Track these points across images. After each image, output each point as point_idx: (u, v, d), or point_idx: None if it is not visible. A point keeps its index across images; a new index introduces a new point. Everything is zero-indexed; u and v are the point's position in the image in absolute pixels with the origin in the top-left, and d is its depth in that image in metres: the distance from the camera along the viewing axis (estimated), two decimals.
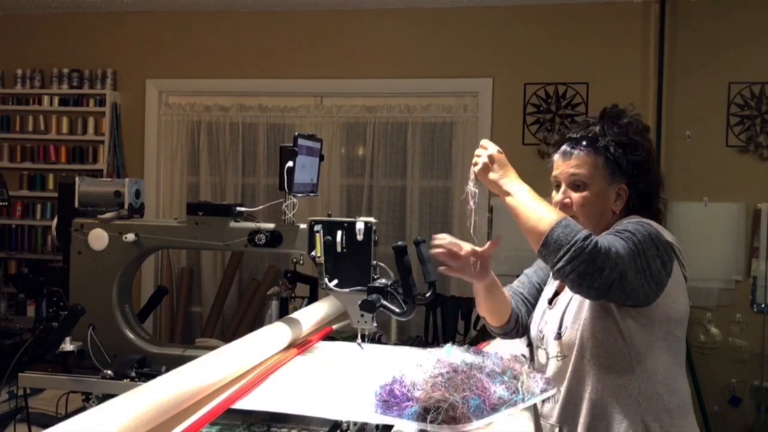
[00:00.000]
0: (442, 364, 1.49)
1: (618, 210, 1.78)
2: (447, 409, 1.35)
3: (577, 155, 1.78)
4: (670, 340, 1.71)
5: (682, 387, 1.73)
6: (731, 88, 4.52)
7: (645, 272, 1.60)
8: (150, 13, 5.18)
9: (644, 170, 1.77)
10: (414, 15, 4.89)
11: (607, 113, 1.81)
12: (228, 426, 1.44)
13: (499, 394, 1.43)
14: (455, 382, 1.42)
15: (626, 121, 1.79)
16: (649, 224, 1.69)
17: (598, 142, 1.76)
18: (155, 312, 2.73)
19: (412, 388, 1.41)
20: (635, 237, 1.61)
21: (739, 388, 4.47)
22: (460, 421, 1.35)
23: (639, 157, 1.76)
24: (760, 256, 4.43)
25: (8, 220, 5.25)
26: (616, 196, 1.77)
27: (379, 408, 1.42)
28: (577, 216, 1.76)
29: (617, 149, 1.75)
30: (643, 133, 1.80)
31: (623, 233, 1.63)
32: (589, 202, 1.77)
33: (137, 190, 2.34)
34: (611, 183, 1.76)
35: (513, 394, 1.45)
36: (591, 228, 1.72)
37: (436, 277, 1.92)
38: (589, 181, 1.76)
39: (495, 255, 1.91)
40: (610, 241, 1.58)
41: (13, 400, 2.50)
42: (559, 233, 1.55)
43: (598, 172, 1.76)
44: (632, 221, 1.71)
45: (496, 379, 1.47)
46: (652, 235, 1.65)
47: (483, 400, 1.39)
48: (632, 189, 1.77)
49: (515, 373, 1.51)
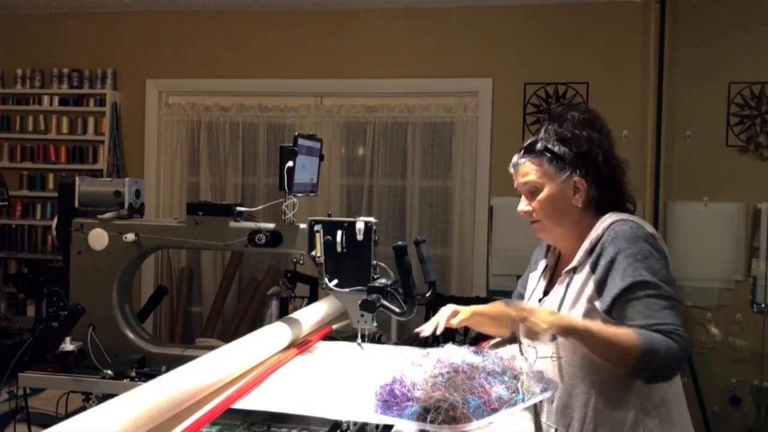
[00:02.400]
0: (443, 364, 1.49)
1: (580, 203, 1.79)
2: (447, 409, 1.35)
3: (524, 164, 1.84)
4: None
5: (674, 384, 1.75)
6: (731, 88, 4.52)
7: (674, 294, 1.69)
8: (150, 13, 5.18)
9: (591, 159, 1.78)
10: (414, 15, 4.89)
11: (552, 114, 1.87)
12: (228, 426, 1.44)
13: (499, 393, 1.43)
14: (455, 382, 1.42)
15: (568, 116, 1.81)
16: (636, 239, 1.69)
17: (537, 145, 1.81)
18: (155, 312, 2.73)
19: (412, 388, 1.41)
20: (654, 279, 1.65)
21: (739, 388, 4.47)
22: (460, 421, 1.35)
23: (582, 148, 1.78)
24: (760, 256, 4.43)
25: (8, 220, 5.25)
26: (574, 191, 1.79)
27: (379, 408, 1.42)
28: (540, 220, 1.82)
29: (560, 146, 1.78)
30: (585, 124, 1.80)
31: (652, 293, 1.65)
32: (546, 204, 1.80)
33: (137, 190, 2.34)
34: (563, 179, 1.78)
35: (513, 393, 1.45)
36: (557, 227, 1.82)
37: (436, 277, 1.91)
38: (541, 184, 1.80)
39: (495, 255, 1.92)
40: (664, 323, 1.62)
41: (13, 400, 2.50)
42: (644, 364, 1.60)
43: (545, 173, 1.80)
44: (623, 249, 1.69)
45: (496, 378, 1.47)
46: (650, 250, 1.69)
47: (484, 401, 1.39)
48: (587, 179, 1.79)
49: (515, 373, 1.51)
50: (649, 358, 1.58)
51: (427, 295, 1.94)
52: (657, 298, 1.64)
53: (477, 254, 4.77)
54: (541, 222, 1.84)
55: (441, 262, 4.80)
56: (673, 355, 1.58)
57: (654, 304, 1.63)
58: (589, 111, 1.86)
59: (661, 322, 1.62)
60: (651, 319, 1.62)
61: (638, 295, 1.64)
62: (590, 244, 1.74)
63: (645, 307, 1.63)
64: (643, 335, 1.59)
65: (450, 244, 4.84)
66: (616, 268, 1.67)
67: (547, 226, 1.83)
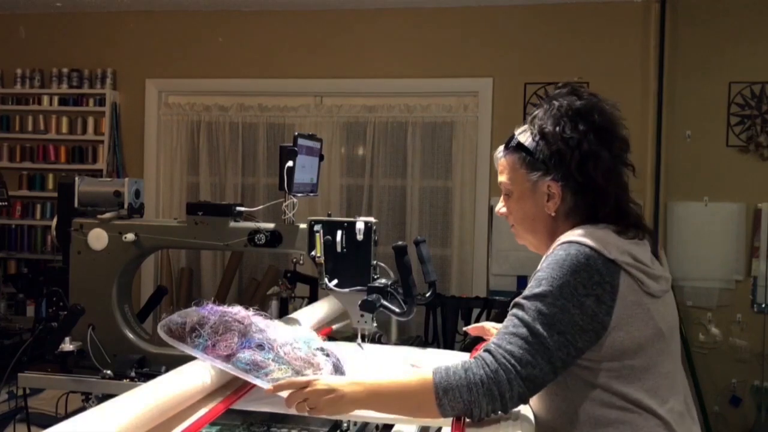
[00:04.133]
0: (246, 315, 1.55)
1: (553, 211, 1.49)
2: (182, 324, 1.51)
3: (500, 161, 1.60)
4: (623, 374, 1.41)
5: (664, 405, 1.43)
6: (731, 87, 4.52)
7: (564, 348, 1.35)
8: (150, 13, 5.17)
9: (564, 160, 1.45)
10: (414, 15, 4.88)
11: (546, 98, 1.58)
12: (228, 426, 1.44)
13: (241, 354, 1.47)
14: (228, 322, 1.50)
15: (556, 102, 1.52)
16: (563, 269, 1.38)
17: (510, 141, 1.56)
18: (155, 312, 2.72)
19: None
20: (534, 305, 1.36)
21: (739, 388, 4.46)
22: (174, 335, 1.51)
23: (554, 147, 1.46)
24: (761, 256, 4.42)
25: (8, 220, 5.25)
26: (547, 196, 1.49)
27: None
28: (514, 225, 1.60)
29: (538, 141, 1.49)
30: (575, 116, 1.48)
31: (519, 315, 1.38)
32: (516, 209, 1.56)
33: (137, 190, 2.34)
34: (533, 181, 1.50)
35: (251, 366, 1.46)
36: (530, 235, 1.56)
37: (436, 277, 1.91)
38: (512, 186, 1.55)
39: (495, 255, 1.89)
40: (495, 356, 1.35)
41: (12, 400, 2.50)
42: (445, 402, 1.34)
43: (517, 172, 1.53)
44: (541, 270, 1.42)
45: (259, 349, 1.49)
46: (572, 286, 1.36)
47: (212, 343, 1.48)
48: (564, 184, 1.47)
49: (287, 359, 1.49)
50: (450, 397, 1.33)
51: (427, 295, 1.94)
52: (521, 324, 1.36)
53: (477, 254, 4.77)
54: (515, 227, 1.60)
55: (441, 262, 4.80)
56: (479, 384, 1.32)
57: (514, 326, 1.37)
58: (589, 99, 1.53)
59: (498, 343, 1.36)
60: (498, 338, 1.37)
61: (513, 312, 1.40)
62: (541, 263, 1.47)
63: (508, 324, 1.39)
64: (438, 372, 1.35)
65: (450, 244, 4.84)
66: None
67: (520, 232, 1.59)
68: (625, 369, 1.40)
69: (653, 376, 1.42)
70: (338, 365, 1.56)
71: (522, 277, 4.47)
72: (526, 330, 1.35)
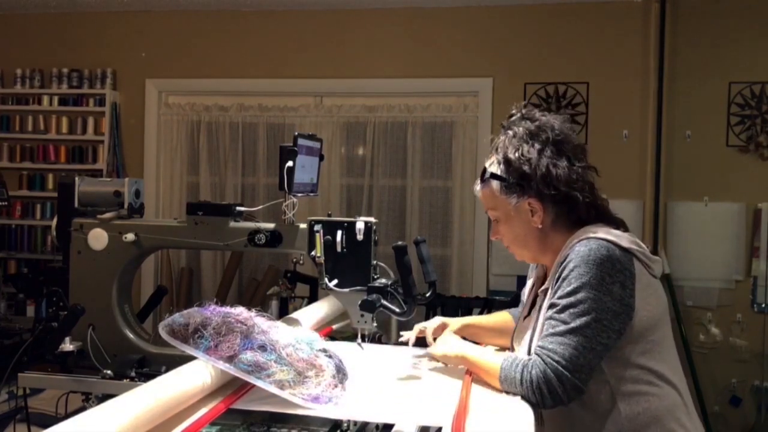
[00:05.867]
0: (249, 316, 1.56)
1: (541, 224, 1.69)
2: (185, 324, 1.52)
3: (480, 195, 1.78)
4: (647, 348, 1.60)
5: (669, 387, 1.62)
6: (731, 87, 4.52)
7: (604, 332, 1.53)
8: (150, 13, 5.17)
9: (530, 178, 1.65)
10: (414, 15, 4.88)
11: (503, 127, 1.75)
12: (228, 426, 1.44)
13: (243, 356, 1.48)
14: (230, 323, 1.52)
15: (511, 131, 1.70)
16: (588, 263, 1.56)
17: (484, 174, 1.74)
18: (155, 312, 2.73)
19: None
20: (569, 301, 1.55)
21: (739, 388, 4.47)
22: (176, 335, 1.53)
23: (521, 170, 1.66)
24: (761, 256, 4.42)
25: (8, 220, 5.25)
26: (531, 212, 1.68)
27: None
28: (509, 247, 1.79)
29: (505, 167, 1.68)
30: (530, 138, 1.67)
31: (557, 317, 1.56)
32: (507, 233, 1.75)
33: (137, 190, 2.34)
34: (514, 203, 1.69)
35: (253, 368, 1.48)
36: (526, 251, 1.76)
37: (436, 277, 1.91)
38: (497, 212, 1.74)
39: (495, 255, 1.91)
40: (551, 354, 1.53)
41: (12, 400, 2.50)
42: (509, 390, 1.59)
43: (497, 199, 1.72)
44: (573, 270, 1.57)
45: (261, 350, 1.50)
46: (600, 277, 1.54)
47: (216, 344, 1.49)
48: (542, 198, 1.67)
49: (289, 360, 1.50)
50: (508, 385, 1.58)
51: (427, 295, 1.94)
52: (559, 322, 1.55)
53: (477, 254, 4.77)
54: (510, 248, 1.79)
55: (441, 262, 4.80)
56: (530, 383, 1.53)
57: (553, 327, 1.56)
58: (539, 119, 1.70)
59: (542, 345, 1.56)
60: (542, 341, 1.57)
61: (550, 314, 1.59)
62: (557, 266, 1.64)
63: (547, 326, 1.58)
64: (506, 361, 1.60)
65: (450, 244, 4.84)
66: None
67: (515, 250, 1.79)
68: (649, 344, 1.59)
69: (669, 350, 1.65)
70: (341, 366, 1.57)
71: (522, 277, 4.45)
72: (565, 327, 1.54)
